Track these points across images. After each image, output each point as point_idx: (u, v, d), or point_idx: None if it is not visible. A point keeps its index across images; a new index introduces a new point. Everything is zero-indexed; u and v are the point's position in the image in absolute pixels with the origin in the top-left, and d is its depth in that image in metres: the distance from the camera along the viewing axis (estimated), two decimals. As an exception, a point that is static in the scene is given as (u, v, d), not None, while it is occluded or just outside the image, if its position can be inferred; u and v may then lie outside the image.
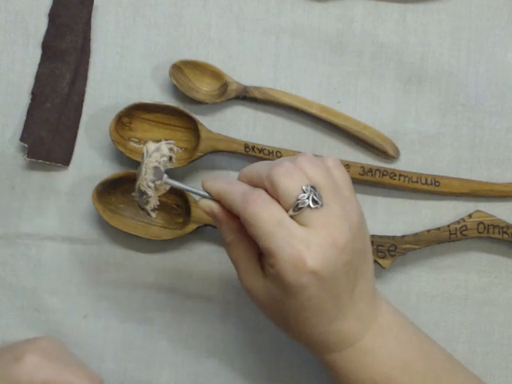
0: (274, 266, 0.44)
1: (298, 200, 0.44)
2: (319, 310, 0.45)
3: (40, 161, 0.59)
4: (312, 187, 0.44)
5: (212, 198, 0.48)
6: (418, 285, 0.60)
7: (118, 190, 0.58)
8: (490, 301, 0.59)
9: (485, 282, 0.60)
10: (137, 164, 0.58)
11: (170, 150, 0.50)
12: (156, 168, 0.49)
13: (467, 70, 0.60)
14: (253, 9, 0.60)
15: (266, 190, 0.45)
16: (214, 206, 0.47)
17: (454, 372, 0.51)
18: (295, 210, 0.44)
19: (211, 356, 0.59)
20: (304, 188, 0.44)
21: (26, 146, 0.58)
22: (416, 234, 0.58)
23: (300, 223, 0.44)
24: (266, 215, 0.44)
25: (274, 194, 0.45)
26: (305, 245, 0.43)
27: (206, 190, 0.48)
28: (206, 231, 0.59)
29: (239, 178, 0.48)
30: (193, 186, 0.49)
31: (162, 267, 0.59)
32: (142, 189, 0.49)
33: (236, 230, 0.47)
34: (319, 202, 0.44)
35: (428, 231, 0.58)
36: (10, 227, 0.59)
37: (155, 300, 0.59)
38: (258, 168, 0.47)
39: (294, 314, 0.46)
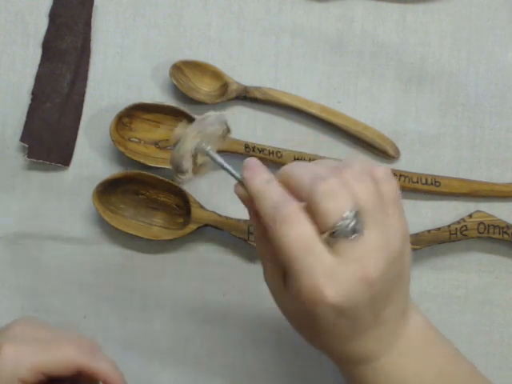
0: (294, 288, 0.42)
1: (336, 227, 0.40)
2: (336, 333, 0.43)
3: (40, 161, 0.59)
4: (355, 213, 0.40)
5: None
6: (419, 285, 0.60)
7: (118, 189, 0.58)
8: (491, 301, 0.59)
9: (485, 282, 0.60)
10: (137, 164, 0.58)
11: (227, 130, 0.47)
12: (210, 136, 0.45)
13: (467, 70, 0.60)
14: (253, 9, 0.60)
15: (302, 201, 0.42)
16: (247, 202, 0.44)
17: None
18: (331, 236, 0.40)
19: (211, 356, 0.59)
20: (345, 215, 0.40)
21: (26, 146, 0.58)
22: (416, 234, 0.58)
23: (333, 249, 0.40)
24: (296, 237, 0.40)
25: (312, 211, 0.41)
26: (329, 276, 0.40)
27: (244, 181, 0.44)
28: (206, 231, 0.59)
29: (279, 176, 0.44)
30: (233, 168, 0.45)
31: (162, 267, 0.59)
32: (184, 149, 0.45)
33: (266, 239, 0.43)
34: (359, 231, 0.40)
35: (428, 231, 0.58)
36: (10, 227, 0.59)
37: (155, 300, 0.59)
38: (300, 176, 0.42)
39: (314, 330, 0.44)
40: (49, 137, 0.59)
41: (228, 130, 0.47)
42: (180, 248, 0.59)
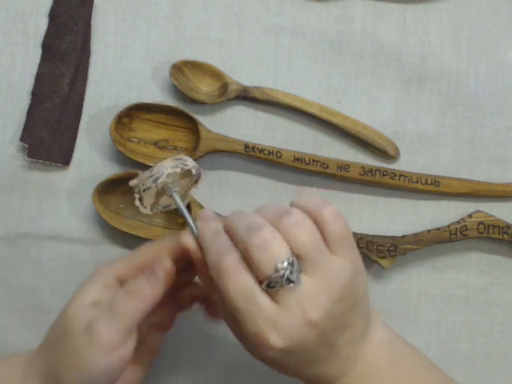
0: (241, 336, 0.44)
1: (272, 279, 0.42)
2: (287, 368, 0.45)
3: (40, 161, 0.59)
4: (290, 263, 0.42)
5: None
6: (419, 285, 0.60)
7: (118, 190, 0.58)
8: (491, 301, 0.59)
9: (485, 282, 0.60)
10: (137, 164, 0.58)
11: (195, 181, 0.49)
12: (175, 176, 0.48)
13: (467, 70, 0.60)
14: (253, 9, 0.60)
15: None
16: (192, 249, 0.46)
17: None
18: (268, 286, 0.42)
19: (211, 357, 0.59)
20: (279, 266, 0.41)
21: (26, 145, 0.58)
22: (416, 234, 0.58)
23: (273, 297, 0.42)
24: (237, 288, 0.42)
25: (249, 262, 0.43)
26: (272, 325, 0.42)
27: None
28: (206, 231, 0.59)
29: (224, 227, 0.45)
30: (192, 217, 0.47)
31: (162, 267, 0.59)
32: (150, 181, 0.47)
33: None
34: (295, 280, 0.42)
35: (428, 231, 0.58)
36: (10, 227, 0.59)
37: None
38: (237, 226, 0.44)
39: (271, 366, 0.46)
40: (49, 137, 0.59)
41: (196, 181, 0.49)
42: (180, 248, 0.59)
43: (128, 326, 0.45)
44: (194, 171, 0.48)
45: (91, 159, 0.59)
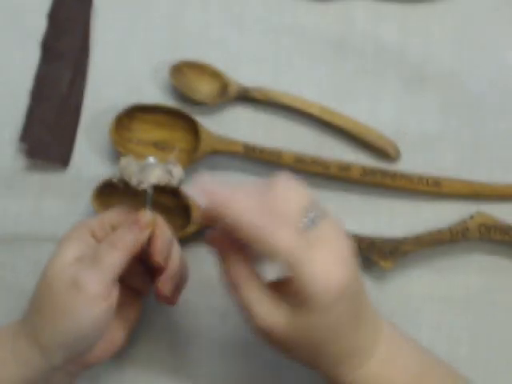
0: (302, 292, 0.43)
1: (306, 218, 0.43)
2: (345, 323, 0.45)
3: (39, 161, 0.58)
4: (311, 207, 0.44)
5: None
6: (420, 286, 0.59)
7: (117, 190, 0.58)
8: (492, 303, 0.59)
9: (486, 283, 0.59)
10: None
11: (180, 180, 0.52)
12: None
13: (469, 70, 0.60)
14: (253, 9, 0.60)
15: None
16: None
17: None
18: (307, 227, 0.43)
19: (211, 357, 0.59)
20: (306, 206, 0.44)
21: (26, 146, 0.58)
22: (417, 236, 0.58)
23: (311, 244, 0.43)
24: (283, 238, 0.43)
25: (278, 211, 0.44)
26: (327, 263, 0.43)
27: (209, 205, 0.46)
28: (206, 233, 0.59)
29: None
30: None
31: (161, 268, 0.59)
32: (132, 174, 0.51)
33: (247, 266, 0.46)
34: (323, 216, 0.44)
35: (429, 233, 0.58)
36: (9, 228, 0.59)
37: (155, 301, 0.59)
38: (247, 195, 0.45)
39: (324, 334, 0.44)
40: (48, 137, 0.59)
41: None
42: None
43: (113, 276, 0.48)
44: (176, 185, 0.52)
45: (90, 160, 0.59)
